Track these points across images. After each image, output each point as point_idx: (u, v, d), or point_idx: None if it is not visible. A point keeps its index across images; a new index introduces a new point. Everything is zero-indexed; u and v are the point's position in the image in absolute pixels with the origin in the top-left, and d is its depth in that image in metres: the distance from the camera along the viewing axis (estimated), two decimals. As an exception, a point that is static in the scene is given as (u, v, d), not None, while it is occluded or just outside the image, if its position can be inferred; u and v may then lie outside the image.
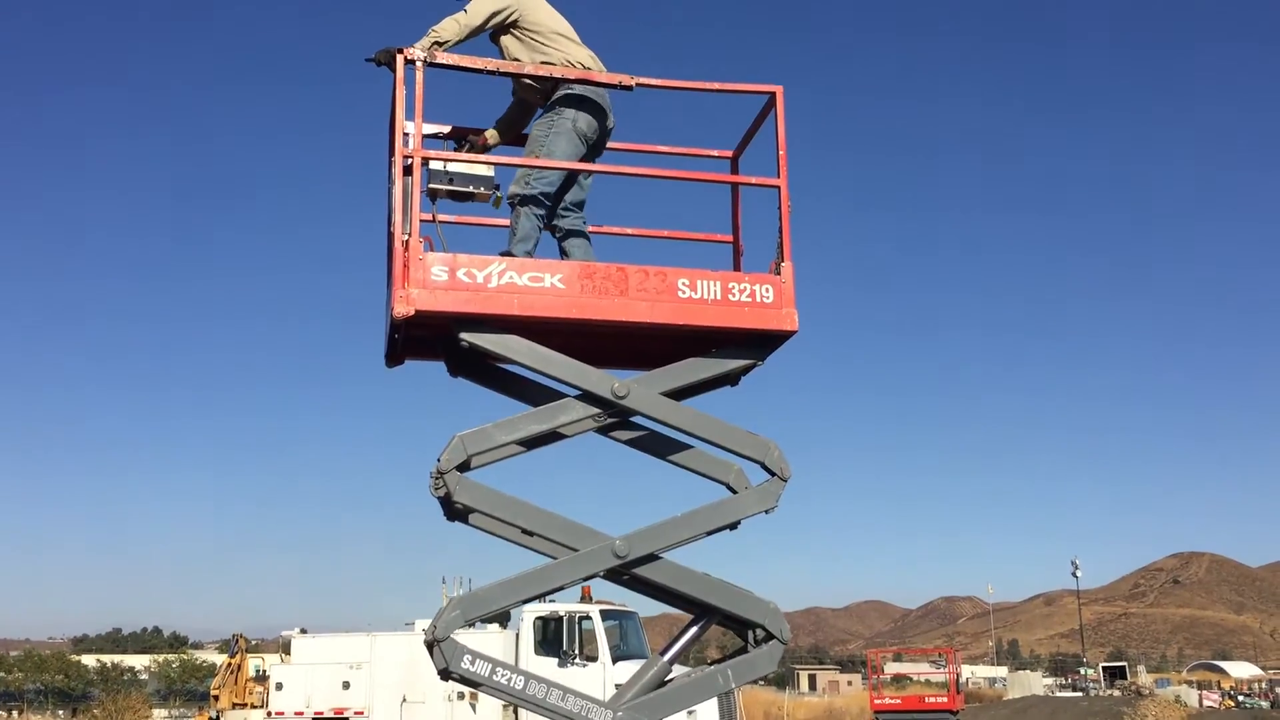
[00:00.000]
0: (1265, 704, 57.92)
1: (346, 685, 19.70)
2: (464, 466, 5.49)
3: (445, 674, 5.34)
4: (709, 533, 5.94)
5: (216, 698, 22.42)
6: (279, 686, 20.16)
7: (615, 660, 18.47)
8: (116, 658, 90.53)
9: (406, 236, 5.38)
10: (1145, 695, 53.95)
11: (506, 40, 6.24)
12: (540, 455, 6.06)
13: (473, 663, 5.30)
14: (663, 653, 6.09)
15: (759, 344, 5.87)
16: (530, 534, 5.78)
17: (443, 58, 5.70)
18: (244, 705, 21.72)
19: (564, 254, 6.27)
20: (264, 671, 22.63)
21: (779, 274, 5.75)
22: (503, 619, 18.50)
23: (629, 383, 5.68)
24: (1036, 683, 73.78)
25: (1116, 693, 62.25)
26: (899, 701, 30.09)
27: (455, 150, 6.33)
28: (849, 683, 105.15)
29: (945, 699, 28.88)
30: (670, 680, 6.08)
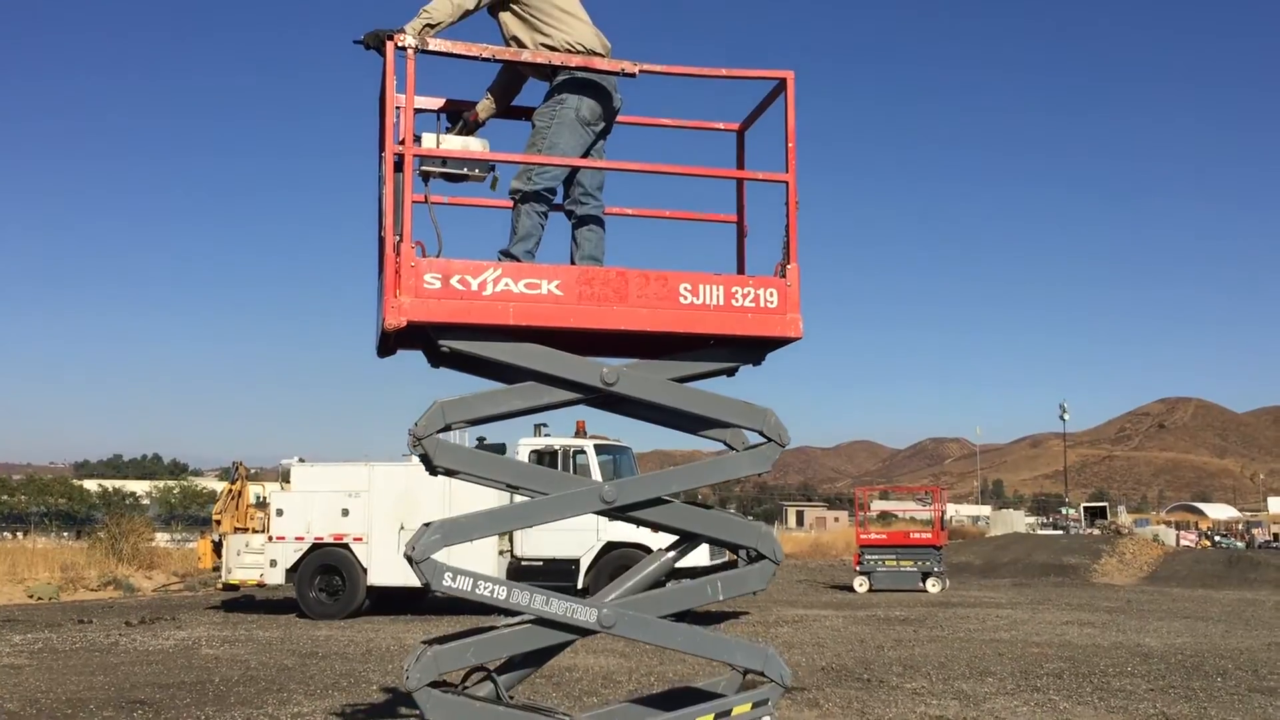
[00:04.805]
0: (1240, 544, 59.13)
1: (345, 513, 20.06)
2: (443, 430, 5.40)
3: (428, 589, 5.34)
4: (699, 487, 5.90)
5: (218, 522, 22.74)
6: (279, 513, 20.46)
7: None
8: (118, 483, 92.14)
9: (398, 239, 5.12)
10: (1124, 534, 55.14)
11: (505, 16, 5.86)
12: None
13: (454, 579, 5.31)
14: (668, 549, 6.11)
15: (759, 347, 5.70)
16: (516, 488, 5.73)
17: (435, 43, 5.32)
18: (245, 530, 21.99)
19: (575, 243, 6.01)
20: (264, 498, 22.96)
21: (784, 276, 5.51)
22: (499, 449, 18.71)
23: (618, 369, 5.53)
24: (1019, 521, 75.33)
25: (1096, 531, 63.51)
26: (884, 537, 30.60)
27: (449, 128, 6.02)
28: (836, 519, 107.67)
29: (929, 535, 29.44)
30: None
